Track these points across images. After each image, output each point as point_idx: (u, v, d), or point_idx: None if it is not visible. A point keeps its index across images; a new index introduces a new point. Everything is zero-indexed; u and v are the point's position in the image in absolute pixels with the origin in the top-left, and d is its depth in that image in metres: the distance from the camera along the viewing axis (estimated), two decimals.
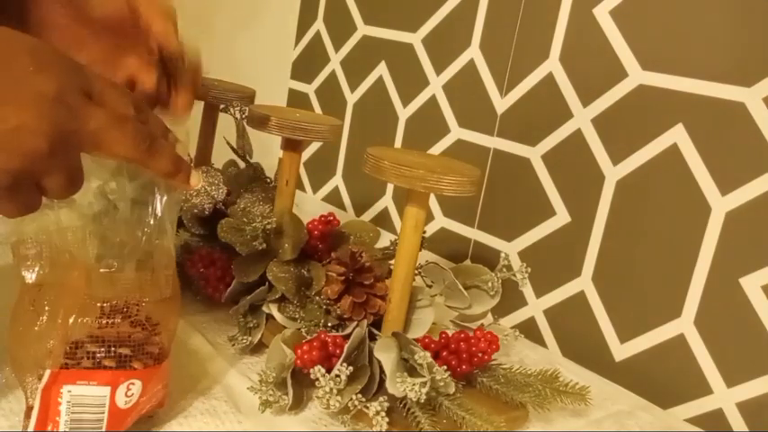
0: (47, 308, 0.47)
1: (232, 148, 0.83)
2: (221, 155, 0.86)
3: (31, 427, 0.45)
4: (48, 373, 0.45)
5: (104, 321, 0.47)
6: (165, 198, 0.49)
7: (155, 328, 0.49)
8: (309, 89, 1.23)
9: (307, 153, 1.24)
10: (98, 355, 0.46)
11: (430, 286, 0.68)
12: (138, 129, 0.43)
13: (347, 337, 0.58)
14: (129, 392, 0.47)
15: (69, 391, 0.45)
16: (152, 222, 0.49)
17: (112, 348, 0.47)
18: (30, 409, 0.46)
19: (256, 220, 0.68)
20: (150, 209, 0.49)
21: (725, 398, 0.69)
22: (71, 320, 0.46)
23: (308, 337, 0.60)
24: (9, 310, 0.63)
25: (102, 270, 0.47)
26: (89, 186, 0.48)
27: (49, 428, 0.45)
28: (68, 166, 0.40)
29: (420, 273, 0.69)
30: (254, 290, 0.66)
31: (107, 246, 0.49)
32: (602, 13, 0.79)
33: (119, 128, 0.42)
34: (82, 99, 0.40)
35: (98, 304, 0.47)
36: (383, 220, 1.09)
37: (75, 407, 0.45)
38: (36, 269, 0.48)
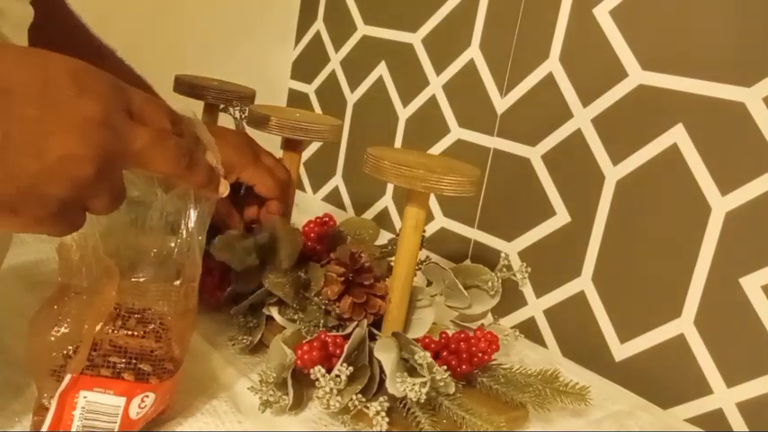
0: (74, 312, 0.47)
1: None
2: None
3: (45, 427, 0.45)
4: (68, 377, 0.45)
5: (119, 325, 0.47)
6: (197, 210, 0.50)
7: (167, 333, 0.49)
8: (309, 89, 1.23)
9: (307, 153, 1.24)
10: (119, 365, 0.46)
11: (430, 285, 0.68)
12: (179, 144, 0.43)
13: (347, 337, 0.58)
14: (143, 404, 0.47)
15: (85, 398, 0.45)
16: (185, 234, 0.49)
17: (133, 361, 0.47)
18: (41, 408, 0.47)
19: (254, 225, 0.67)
20: (183, 220, 0.49)
21: (725, 398, 0.69)
22: (98, 327, 0.46)
23: (308, 338, 0.60)
24: (9, 310, 0.64)
25: (132, 279, 0.48)
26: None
27: (60, 430, 0.45)
28: (113, 187, 0.41)
29: (420, 269, 0.68)
30: (253, 289, 0.66)
31: (140, 255, 0.49)
32: (602, 13, 0.79)
33: (161, 146, 0.42)
34: (125, 119, 0.40)
35: (114, 309, 0.47)
36: (383, 220, 1.09)
37: (88, 413, 0.46)
38: (76, 274, 0.48)
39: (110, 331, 0.46)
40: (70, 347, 0.47)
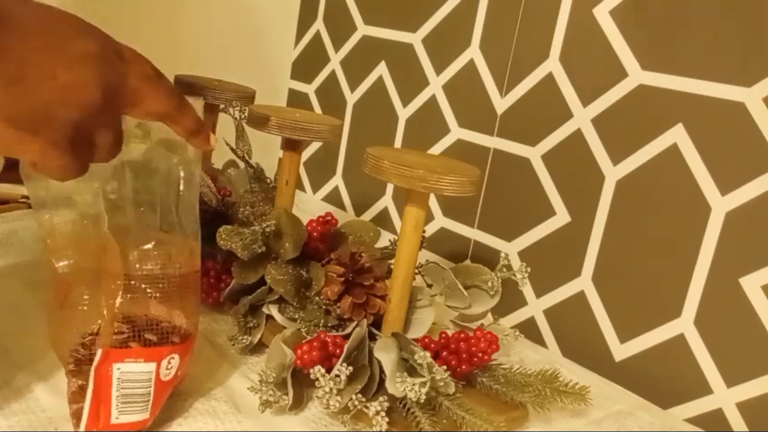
0: (86, 296, 0.50)
1: (231, 148, 0.83)
2: (222, 155, 0.86)
3: (87, 404, 0.46)
4: (99, 352, 0.47)
5: (130, 296, 0.49)
6: (191, 167, 0.52)
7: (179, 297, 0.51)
8: (309, 89, 1.23)
9: (307, 153, 1.24)
10: (146, 339, 0.49)
11: (430, 286, 0.68)
12: (169, 85, 0.47)
13: (347, 337, 0.58)
14: (170, 366, 0.50)
15: (119, 369, 0.47)
16: (182, 191, 0.52)
17: (159, 332, 0.49)
18: (73, 394, 0.49)
19: (256, 221, 0.67)
20: (181, 178, 0.52)
21: (725, 398, 0.69)
22: (118, 302, 0.48)
23: (308, 337, 0.60)
24: (8, 310, 0.64)
25: (137, 249, 0.49)
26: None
27: (102, 406, 0.47)
28: (115, 124, 0.45)
29: (420, 272, 0.69)
30: (253, 288, 0.66)
31: (145, 226, 0.51)
32: (602, 13, 0.79)
33: (153, 85, 0.46)
34: (119, 59, 0.44)
35: (121, 282, 0.49)
36: (383, 220, 1.09)
37: (124, 383, 0.47)
38: (67, 259, 0.51)
39: (123, 303, 0.48)
40: (94, 327, 0.49)
